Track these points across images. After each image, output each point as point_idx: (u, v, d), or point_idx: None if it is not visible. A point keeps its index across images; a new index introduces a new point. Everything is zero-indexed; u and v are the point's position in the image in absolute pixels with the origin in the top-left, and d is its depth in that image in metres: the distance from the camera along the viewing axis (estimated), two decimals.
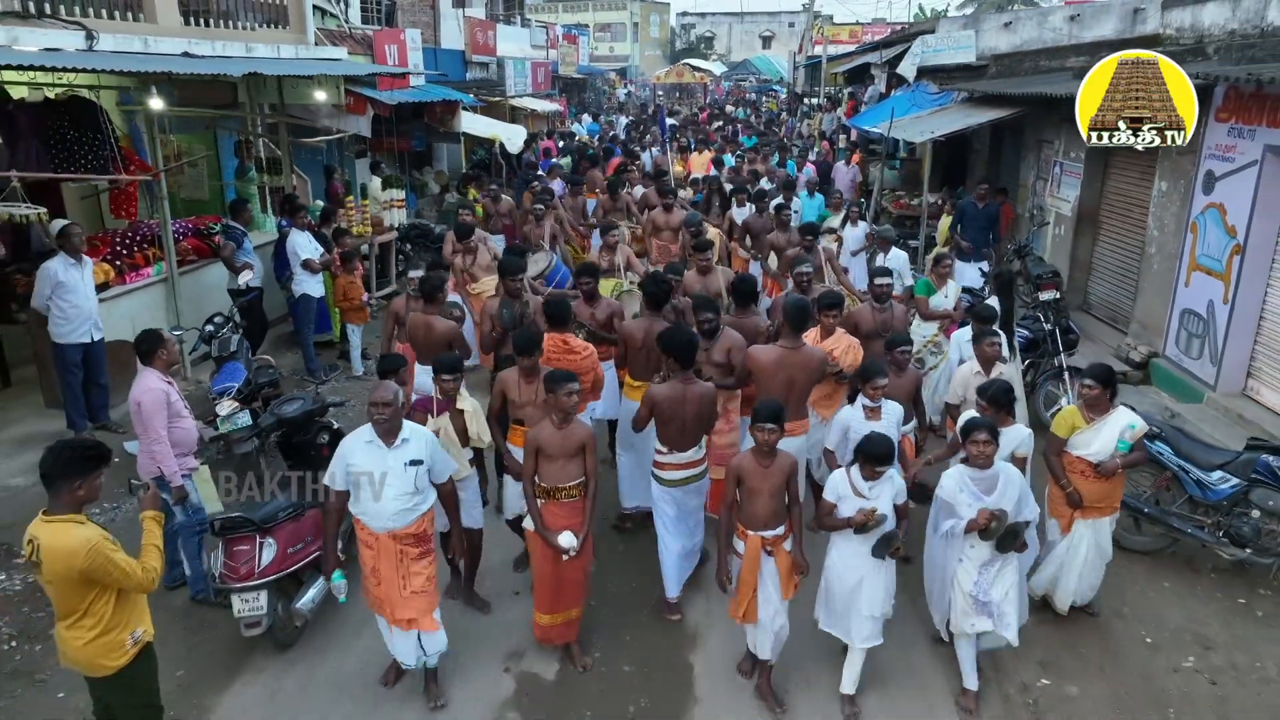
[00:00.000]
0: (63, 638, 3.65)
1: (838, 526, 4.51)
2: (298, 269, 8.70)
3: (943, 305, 7.73)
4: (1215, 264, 8.47)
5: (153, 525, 3.84)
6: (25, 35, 7.29)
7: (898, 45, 18.29)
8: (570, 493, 4.74)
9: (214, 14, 10.47)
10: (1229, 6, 10.27)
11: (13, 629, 5.18)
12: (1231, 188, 8.26)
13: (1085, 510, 5.13)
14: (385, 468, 4.37)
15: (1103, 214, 11.21)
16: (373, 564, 4.49)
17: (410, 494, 4.43)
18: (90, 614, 3.58)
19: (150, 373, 5.22)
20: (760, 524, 4.55)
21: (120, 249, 8.07)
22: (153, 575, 3.68)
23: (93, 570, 3.46)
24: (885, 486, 4.47)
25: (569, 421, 4.71)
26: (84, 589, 3.53)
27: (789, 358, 5.44)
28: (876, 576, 4.51)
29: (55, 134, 7.92)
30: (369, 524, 4.45)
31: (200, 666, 4.98)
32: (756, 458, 4.53)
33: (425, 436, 4.56)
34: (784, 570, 4.58)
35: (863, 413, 5.38)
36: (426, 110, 15.42)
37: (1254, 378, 8.27)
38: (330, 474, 4.50)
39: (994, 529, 4.37)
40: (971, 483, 4.50)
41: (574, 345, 5.87)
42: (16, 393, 7.94)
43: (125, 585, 3.60)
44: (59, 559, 3.45)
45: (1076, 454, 5.11)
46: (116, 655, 3.65)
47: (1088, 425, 5.08)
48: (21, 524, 5.93)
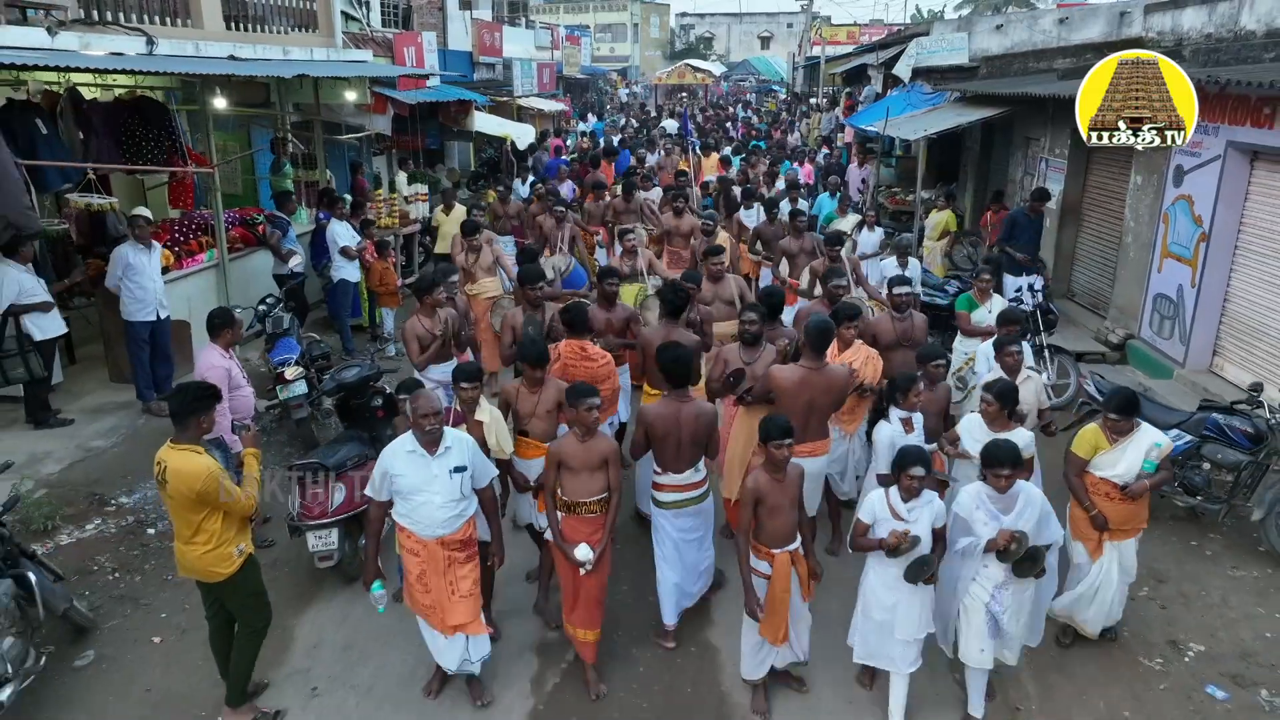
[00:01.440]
0: (182, 552, 4.34)
1: (870, 548, 4.44)
2: (336, 256, 9.41)
3: (985, 321, 7.20)
4: (1184, 251, 9.19)
5: (252, 460, 4.54)
6: (95, 40, 8.00)
7: (894, 47, 18.98)
8: (591, 508, 4.68)
9: (250, 19, 11.18)
10: (1205, 11, 10.97)
11: (114, 564, 5.89)
12: (1198, 180, 8.98)
13: (1111, 533, 4.92)
14: (430, 476, 4.38)
15: (1085, 206, 11.94)
16: (419, 570, 4.47)
17: (456, 500, 4.45)
18: (203, 531, 4.26)
19: (213, 349, 5.86)
20: (782, 540, 4.49)
21: (178, 236, 8.80)
22: (253, 501, 4.37)
23: (206, 493, 4.15)
24: (925, 510, 4.39)
25: (591, 435, 4.66)
26: (198, 508, 4.20)
27: (811, 378, 5.21)
28: (912, 600, 4.42)
29: (126, 130, 8.63)
30: (417, 531, 4.44)
31: (280, 595, 5.66)
32: (771, 474, 4.44)
33: (466, 442, 4.55)
34: (804, 576, 4.59)
35: (901, 426, 5.25)
36: (441, 110, 16.14)
37: (1219, 355, 8.98)
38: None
39: (1013, 551, 4.22)
40: (989, 501, 4.35)
41: (591, 352, 5.78)
42: (82, 368, 8.64)
43: (231, 508, 4.28)
44: (182, 481, 4.13)
45: (1100, 475, 4.86)
46: (226, 564, 4.34)
47: (1111, 446, 4.82)
48: (107, 479, 6.79)
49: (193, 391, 4.36)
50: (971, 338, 7.28)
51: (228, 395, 5.74)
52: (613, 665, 5.10)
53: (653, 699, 4.89)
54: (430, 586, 4.47)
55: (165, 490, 4.23)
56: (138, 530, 6.24)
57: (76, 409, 7.84)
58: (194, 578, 4.44)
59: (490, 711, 4.75)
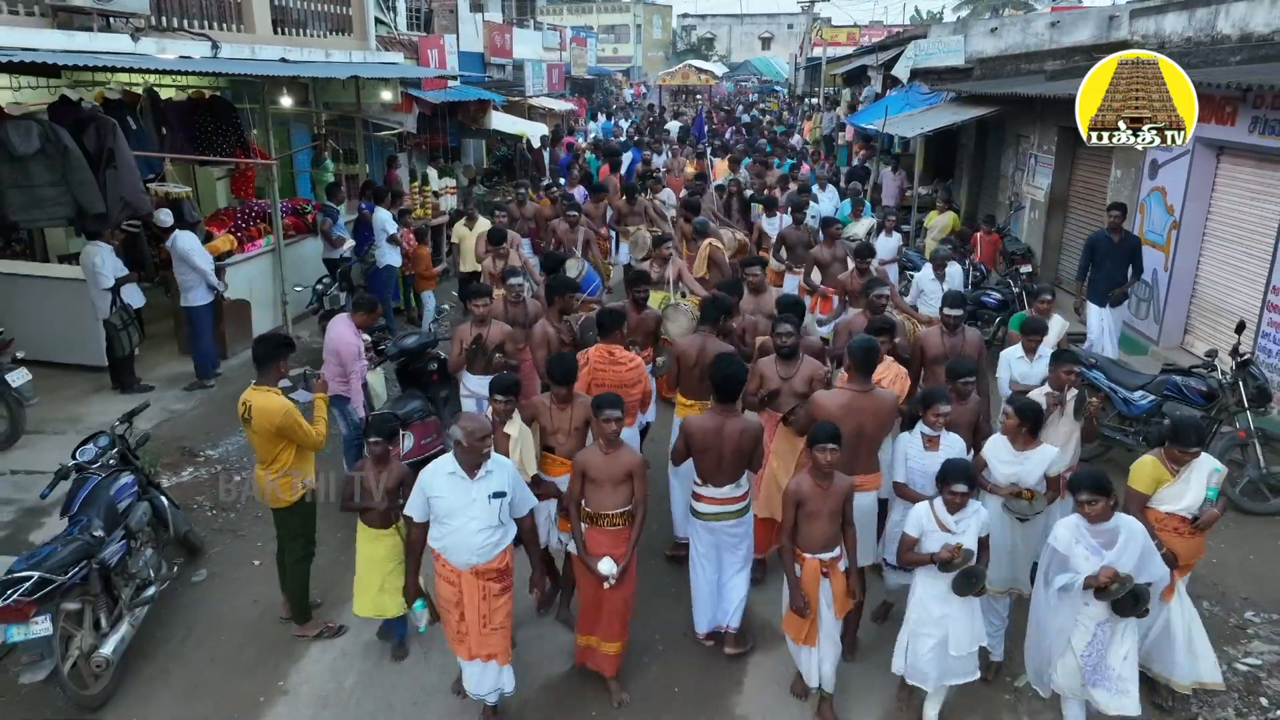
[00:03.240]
0: (259, 476, 5.11)
1: (921, 562, 4.39)
2: (382, 242, 10.23)
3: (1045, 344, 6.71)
4: (1158, 238, 10.04)
5: (321, 404, 5.30)
6: (169, 45, 8.83)
7: (893, 49, 19.81)
8: (614, 520, 4.62)
9: (293, 23, 12.00)
10: (1186, 16, 11.83)
11: (209, 503, 6.73)
12: (1170, 173, 9.83)
13: (1180, 570, 4.66)
14: (468, 500, 4.24)
15: (1071, 199, 12.80)
16: (454, 599, 4.36)
17: (494, 528, 4.29)
18: (278, 460, 5.02)
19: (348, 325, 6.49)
20: (818, 546, 4.49)
21: (240, 223, 9.64)
22: (321, 439, 5.14)
23: (284, 428, 4.92)
24: (971, 520, 4.36)
25: (615, 446, 4.61)
26: (276, 440, 4.97)
27: (858, 402, 4.91)
28: (962, 613, 4.38)
29: (199, 126, 9.48)
30: (451, 559, 4.31)
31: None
32: (816, 480, 4.43)
33: (508, 467, 4.41)
34: (839, 592, 4.54)
35: (921, 441, 5.01)
36: (460, 109, 16.96)
37: (1189, 333, 9.82)
38: (412, 503, 4.37)
39: (1114, 590, 4.03)
40: (1089, 534, 4.16)
41: (619, 356, 5.73)
42: (153, 344, 9.45)
43: (303, 442, 5.05)
44: (264, 416, 4.88)
45: (1165, 510, 4.57)
46: (289, 492, 5.07)
47: (1174, 478, 4.55)
48: (192, 436, 7.65)
49: (273, 342, 5.14)
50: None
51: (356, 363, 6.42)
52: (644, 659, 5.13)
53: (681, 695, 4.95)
54: (465, 615, 4.36)
55: (249, 426, 4.99)
56: (226, 476, 7.07)
57: (152, 378, 8.67)
58: (266, 502, 5.21)
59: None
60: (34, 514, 6.33)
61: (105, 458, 5.30)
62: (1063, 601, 4.24)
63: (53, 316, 8.47)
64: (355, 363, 6.46)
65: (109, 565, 4.76)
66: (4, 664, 4.66)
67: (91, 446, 5.34)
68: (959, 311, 6.11)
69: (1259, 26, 10.35)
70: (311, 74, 9.14)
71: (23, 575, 4.28)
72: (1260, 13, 10.30)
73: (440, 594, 4.44)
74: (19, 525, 6.20)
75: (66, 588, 4.42)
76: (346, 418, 6.69)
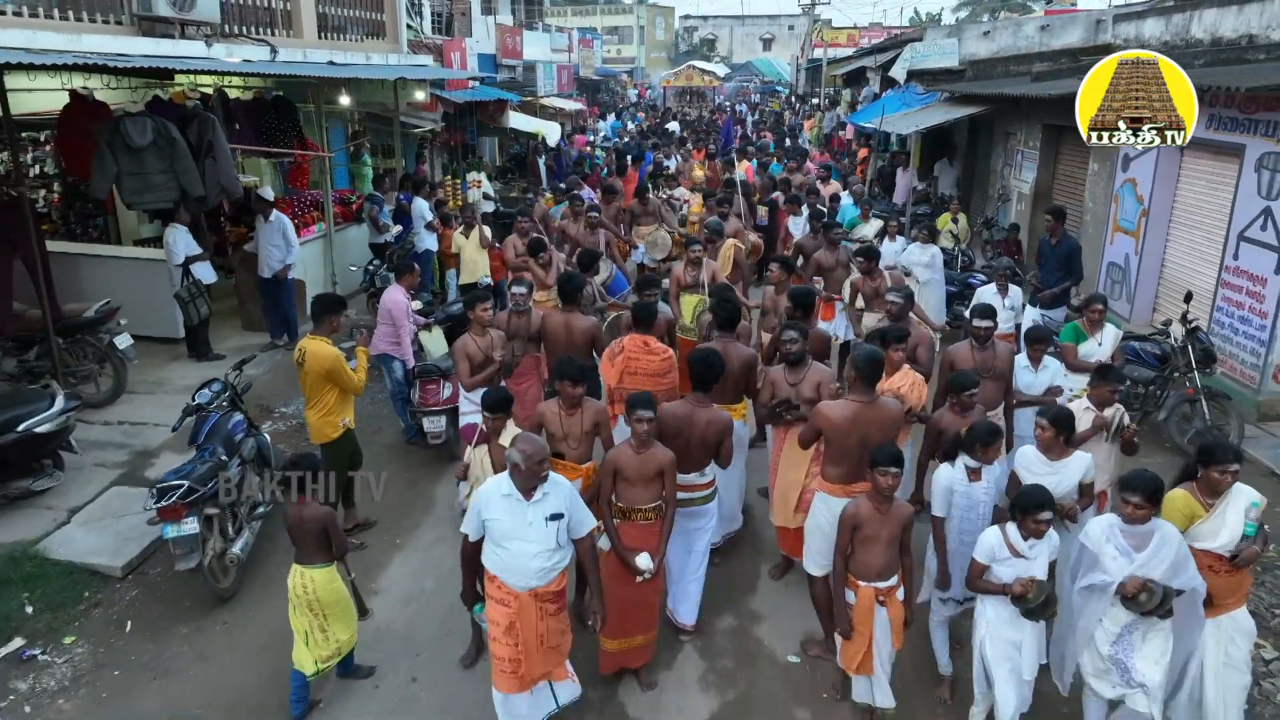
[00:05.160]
0: (308, 417, 6.18)
1: (993, 591, 4.26)
2: (420, 229, 11.22)
3: (1095, 355, 6.70)
4: (1130, 225, 11.02)
5: (362, 355, 6.34)
6: (236, 50, 9.81)
7: (890, 51, 20.80)
8: (646, 515, 4.70)
9: (333, 29, 12.98)
10: (1163, 22, 12.79)
11: (291, 449, 7.70)
12: (1140, 165, 10.81)
13: (1214, 609, 4.33)
14: (525, 523, 4.10)
15: (1054, 191, 13.78)
16: (508, 622, 4.16)
17: (552, 550, 4.15)
18: (322, 402, 6.05)
19: (398, 289, 7.54)
20: (874, 574, 4.35)
21: (297, 211, 10.64)
22: (361, 385, 6.20)
23: (332, 372, 5.94)
24: (1044, 546, 4.21)
25: (647, 446, 4.65)
26: (324, 383, 5.98)
27: (863, 413, 4.83)
28: (1034, 637, 4.29)
29: (264, 123, 10.48)
30: (509, 582, 4.14)
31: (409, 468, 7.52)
32: (875, 504, 4.31)
33: (565, 488, 4.25)
34: (896, 621, 4.43)
35: (965, 474, 4.80)
36: (480, 108, 17.95)
37: (1157, 311, 10.78)
38: (467, 522, 4.29)
39: (1143, 601, 3.92)
40: (1121, 535, 4.05)
41: (654, 347, 5.89)
42: (218, 320, 10.38)
43: (346, 386, 6.09)
44: (316, 360, 5.87)
45: (1201, 548, 4.23)
46: (331, 430, 6.12)
47: (1208, 513, 4.24)
48: (267, 396, 8.67)
49: (327, 300, 6.19)
50: (1078, 373, 6.51)
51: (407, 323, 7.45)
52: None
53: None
54: (520, 639, 4.16)
55: (303, 369, 5.99)
56: (301, 429, 8.04)
57: (223, 349, 9.65)
58: (314, 440, 6.24)
59: None
60: (145, 455, 7.31)
61: (219, 400, 6.29)
62: (1088, 600, 4.15)
63: (132, 293, 9.40)
64: (405, 320, 7.44)
65: (233, 483, 5.75)
66: (155, 559, 5.68)
67: (207, 391, 6.33)
68: (988, 323, 5.96)
69: (1227, 32, 11.30)
70: (365, 75, 10.14)
71: (175, 484, 5.27)
72: (1229, 19, 11.24)
73: (491, 619, 4.23)
74: (134, 464, 7.17)
75: (207, 496, 5.41)
76: (391, 375, 7.74)
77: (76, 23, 8.09)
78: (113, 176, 7.41)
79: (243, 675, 5.09)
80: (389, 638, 5.44)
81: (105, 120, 7.80)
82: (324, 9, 12.35)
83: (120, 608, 5.65)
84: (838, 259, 8.62)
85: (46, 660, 5.17)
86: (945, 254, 11.36)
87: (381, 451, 7.85)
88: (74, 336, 7.72)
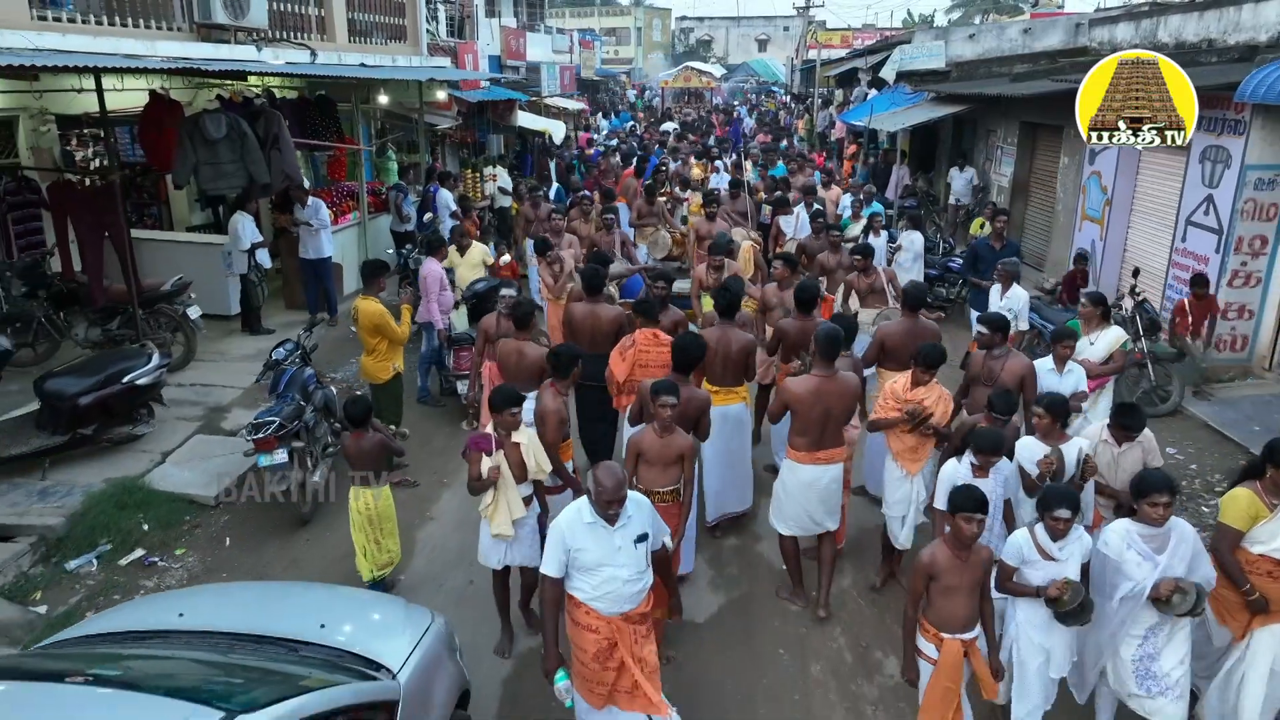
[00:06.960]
0: (363, 361, 7.43)
1: (1025, 594, 4.19)
2: (445, 218, 12.21)
3: (1085, 354, 6.66)
4: (1095, 214, 12.06)
5: (407, 310, 7.52)
6: (282, 53, 10.81)
7: (881, 53, 21.81)
8: (665, 496, 4.89)
9: (359, 33, 13.97)
10: (1133, 26, 13.80)
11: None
12: (1105, 159, 11.84)
13: (1268, 616, 4.22)
14: (614, 549, 4.02)
15: (1030, 185, 14.83)
16: (595, 649, 4.07)
17: (642, 571, 4.11)
18: (376, 350, 7.29)
19: (433, 260, 8.58)
20: (958, 626, 4.08)
21: (335, 200, 11.64)
22: (406, 336, 7.40)
23: (381, 325, 7.14)
24: (1076, 546, 4.12)
25: (670, 431, 4.84)
26: (375, 334, 7.19)
27: (825, 387, 5.28)
28: (1065, 639, 4.24)
29: (307, 120, 11.47)
30: (601, 608, 4.06)
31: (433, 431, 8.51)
32: (954, 550, 4.02)
33: (645, 506, 4.20)
34: (984, 676, 4.18)
35: (970, 471, 4.83)
36: (491, 107, 18.91)
37: (1121, 292, 11.81)
38: (549, 561, 4.08)
39: (1176, 603, 3.93)
40: (1140, 539, 4.05)
41: (664, 340, 6.08)
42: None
43: (392, 338, 7.30)
44: (367, 316, 7.13)
45: (1258, 551, 4.16)
46: (383, 374, 7.39)
47: (1272, 514, 4.16)
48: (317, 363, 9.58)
49: (374, 265, 7.41)
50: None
51: (438, 292, 8.44)
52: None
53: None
54: (615, 664, 4.09)
55: (357, 324, 7.25)
56: (350, 389, 9.04)
57: (270, 324, 10.64)
58: (367, 380, 7.43)
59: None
60: (218, 410, 8.32)
61: (293, 357, 7.28)
62: (1120, 608, 4.09)
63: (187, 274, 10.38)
64: (435, 287, 8.37)
65: (309, 425, 6.74)
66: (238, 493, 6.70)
67: (282, 349, 7.31)
68: (983, 330, 6.02)
69: (1190, 36, 12.30)
70: (397, 76, 11.16)
71: (268, 419, 6.27)
72: (1191, 24, 12.26)
73: (581, 646, 4.12)
74: (209, 417, 8.17)
75: (293, 432, 6.40)
76: (430, 341, 8.75)
77: (148, 30, 9.09)
78: (192, 166, 8.40)
79: (328, 578, 6.08)
80: (447, 552, 6.48)
81: (185, 117, 8.80)
82: (353, 14, 13.35)
83: (218, 528, 6.69)
84: (839, 260, 8.98)
85: (165, 565, 6.20)
86: (927, 241, 12.39)
87: (425, 410, 8.87)
88: (153, 307, 8.71)
